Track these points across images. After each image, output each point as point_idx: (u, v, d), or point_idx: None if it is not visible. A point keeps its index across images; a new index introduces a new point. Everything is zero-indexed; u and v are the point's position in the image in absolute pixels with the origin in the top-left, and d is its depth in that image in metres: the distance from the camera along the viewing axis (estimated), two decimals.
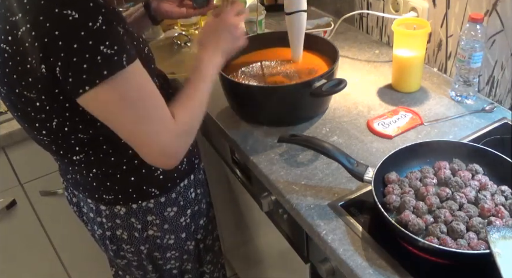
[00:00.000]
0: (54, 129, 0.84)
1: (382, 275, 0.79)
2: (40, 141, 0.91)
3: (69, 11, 0.69)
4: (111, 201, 0.97)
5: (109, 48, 0.72)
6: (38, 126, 0.85)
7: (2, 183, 1.40)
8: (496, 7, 1.09)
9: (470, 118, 1.14)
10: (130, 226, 1.01)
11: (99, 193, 0.97)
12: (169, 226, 1.04)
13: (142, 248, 1.05)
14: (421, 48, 1.19)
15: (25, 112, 0.83)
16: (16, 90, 0.79)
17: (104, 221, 1.01)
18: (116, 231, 1.02)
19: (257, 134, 1.15)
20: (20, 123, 0.90)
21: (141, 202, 0.98)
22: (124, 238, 1.02)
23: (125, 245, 1.04)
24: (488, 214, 0.82)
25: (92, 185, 0.97)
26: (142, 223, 1.01)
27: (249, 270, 1.73)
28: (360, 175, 0.90)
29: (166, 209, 1.02)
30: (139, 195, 0.97)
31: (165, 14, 1.14)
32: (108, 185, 0.95)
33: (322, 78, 1.09)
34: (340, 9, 1.63)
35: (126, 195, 0.97)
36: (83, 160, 0.91)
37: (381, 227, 0.84)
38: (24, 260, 1.56)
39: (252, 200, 1.26)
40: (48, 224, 1.53)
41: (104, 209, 0.99)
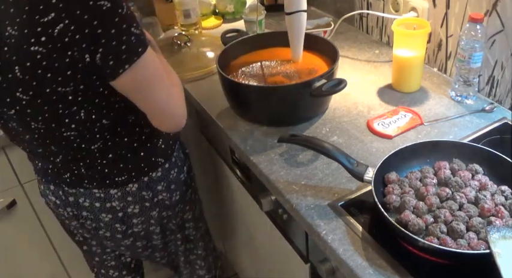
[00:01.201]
0: (82, 119, 0.91)
1: (382, 275, 0.79)
2: (62, 140, 0.94)
3: (102, 1, 0.78)
4: (124, 181, 1.04)
5: (137, 29, 0.83)
6: (67, 121, 0.91)
7: (2, 183, 1.40)
8: (496, 7, 1.09)
9: (470, 118, 1.14)
10: (141, 199, 1.08)
11: (110, 178, 1.03)
12: (174, 186, 1.14)
13: (153, 213, 1.13)
14: (421, 48, 1.19)
15: (54, 110, 0.88)
16: (47, 89, 0.84)
17: (115, 205, 1.07)
18: (128, 209, 1.08)
19: (257, 134, 1.15)
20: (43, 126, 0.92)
21: (151, 174, 1.07)
22: (135, 212, 1.10)
23: (135, 219, 1.11)
24: (488, 214, 0.82)
25: (103, 172, 1.02)
26: (153, 192, 1.09)
27: (249, 270, 1.74)
28: (360, 175, 0.90)
29: (170, 172, 1.12)
30: (150, 167, 1.07)
31: None
32: (121, 167, 1.03)
33: (322, 78, 1.09)
34: (340, 9, 1.63)
35: (139, 170, 1.05)
36: (101, 148, 0.98)
37: (381, 227, 0.85)
38: (24, 260, 1.56)
39: (252, 200, 1.26)
40: (48, 224, 1.53)
41: (115, 192, 1.05)
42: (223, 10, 1.76)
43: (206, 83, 1.37)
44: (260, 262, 1.54)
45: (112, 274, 1.36)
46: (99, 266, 1.34)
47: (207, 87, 1.35)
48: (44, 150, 0.99)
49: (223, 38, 1.35)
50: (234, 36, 1.34)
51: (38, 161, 1.06)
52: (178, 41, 1.54)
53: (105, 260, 1.32)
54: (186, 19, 1.63)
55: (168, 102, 0.93)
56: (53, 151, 0.98)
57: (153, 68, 0.89)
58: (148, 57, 0.87)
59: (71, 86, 0.85)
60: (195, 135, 1.66)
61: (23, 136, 0.97)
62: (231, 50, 1.28)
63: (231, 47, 1.28)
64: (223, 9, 1.76)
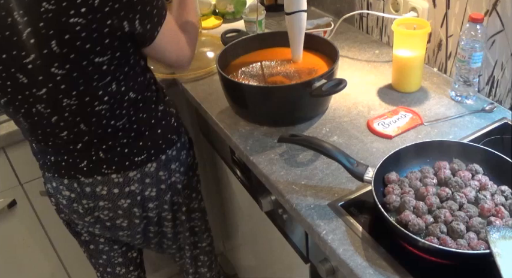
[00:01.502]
0: (114, 91, 0.97)
1: (382, 275, 0.79)
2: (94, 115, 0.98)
3: None
4: (143, 160, 1.08)
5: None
6: (100, 94, 0.96)
7: (2, 183, 1.40)
8: (496, 7, 1.09)
9: (470, 118, 1.14)
10: (158, 181, 1.13)
11: (130, 159, 1.07)
12: (183, 168, 1.19)
13: (166, 197, 1.17)
14: (421, 48, 1.19)
15: (89, 83, 0.94)
16: (84, 61, 0.90)
17: (134, 188, 1.10)
18: (145, 192, 1.12)
19: (257, 134, 1.15)
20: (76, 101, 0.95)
21: (168, 151, 1.13)
22: (152, 196, 1.13)
23: (151, 203, 1.15)
24: (488, 214, 0.82)
25: (123, 153, 1.05)
26: (168, 172, 1.14)
27: (249, 270, 1.74)
28: (360, 175, 0.90)
29: (181, 153, 1.17)
30: (166, 144, 1.13)
31: None
32: (140, 145, 1.07)
33: (322, 78, 1.09)
34: (340, 9, 1.63)
35: (157, 148, 1.10)
36: (125, 125, 1.03)
37: (381, 227, 0.85)
38: (24, 260, 1.56)
39: (252, 200, 1.26)
40: (48, 224, 1.53)
41: (134, 174, 1.09)
42: (223, 10, 1.76)
43: (206, 83, 1.37)
44: (260, 262, 1.54)
45: (119, 272, 1.36)
46: (105, 265, 1.34)
47: (207, 87, 1.35)
48: (69, 132, 1.00)
49: (223, 38, 1.35)
50: (234, 36, 1.34)
51: (50, 155, 1.06)
52: None
53: (112, 257, 1.32)
54: None
55: (183, 51, 1.08)
56: (81, 131, 1.00)
57: (172, 27, 1.02)
58: (169, 17, 0.99)
59: (108, 55, 0.91)
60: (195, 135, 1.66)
61: (48, 120, 0.98)
62: (231, 50, 1.28)
63: (231, 47, 1.28)
64: (223, 9, 1.76)
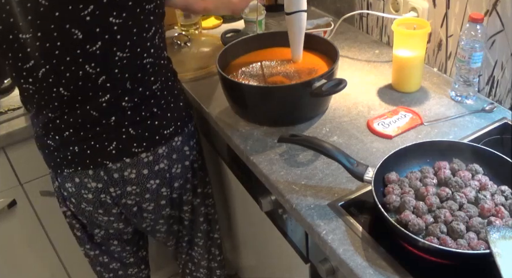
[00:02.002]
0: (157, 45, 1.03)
1: (382, 275, 0.79)
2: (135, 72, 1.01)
3: None
4: (171, 133, 1.11)
5: None
6: (149, 45, 1.01)
7: (2, 183, 1.40)
8: (496, 7, 1.09)
9: (470, 118, 1.14)
10: (183, 156, 1.16)
11: (159, 132, 1.08)
12: (198, 146, 1.23)
13: (188, 175, 1.20)
14: (421, 48, 1.19)
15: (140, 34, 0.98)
16: (138, 9, 0.95)
17: (163, 166, 1.11)
18: (172, 169, 1.14)
19: (257, 134, 1.15)
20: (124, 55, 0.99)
21: (190, 125, 1.17)
22: (178, 173, 1.15)
23: (177, 182, 1.17)
24: (488, 214, 0.82)
25: (153, 125, 1.07)
26: (189, 148, 1.17)
27: (249, 270, 1.74)
28: (360, 175, 0.90)
29: (194, 132, 1.20)
30: (188, 117, 1.17)
31: None
32: (168, 116, 1.09)
33: (322, 78, 1.09)
34: (340, 9, 1.63)
35: (182, 120, 1.13)
36: (159, 89, 1.07)
37: (381, 227, 0.85)
38: (24, 260, 1.56)
39: (252, 200, 1.26)
40: (48, 224, 1.53)
41: (163, 150, 1.10)
42: None
43: (206, 83, 1.37)
44: (260, 262, 1.54)
45: (131, 272, 1.36)
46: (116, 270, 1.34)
47: (207, 87, 1.35)
48: (110, 97, 1.01)
49: (223, 38, 1.35)
50: (234, 36, 1.34)
51: (75, 144, 1.03)
52: (178, 41, 1.54)
53: (124, 257, 1.32)
54: (186, 19, 1.63)
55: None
56: (124, 93, 1.02)
57: None
58: None
59: (153, 2, 0.97)
60: None
61: (94, 82, 0.98)
62: (231, 50, 1.28)
63: (231, 47, 1.28)
64: None
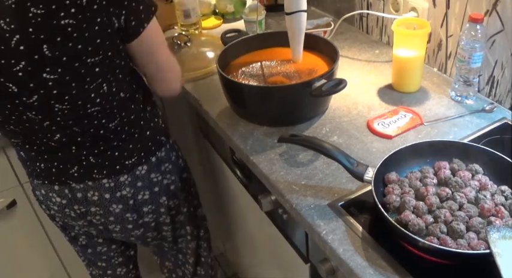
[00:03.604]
0: (105, 92, 0.96)
1: (382, 275, 0.79)
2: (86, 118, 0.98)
3: None
4: (134, 163, 1.08)
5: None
6: (93, 96, 0.95)
7: (2, 183, 1.40)
8: (496, 7, 1.09)
9: (470, 118, 1.14)
10: (150, 184, 1.12)
11: (120, 162, 1.06)
12: (176, 169, 1.19)
13: (162, 200, 1.16)
14: (421, 48, 1.19)
15: (81, 86, 0.92)
16: (77, 63, 0.89)
17: (125, 193, 1.09)
18: (138, 196, 1.11)
19: (257, 134, 1.15)
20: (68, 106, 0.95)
21: (158, 153, 1.12)
22: (145, 199, 1.12)
23: (146, 207, 1.13)
24: (488, 214, 0.82)
25: (113, 156, 1.05)
26: (160, 173, 1.13)
27: (249, 270, 1.74)
28: (360, 175, 0.90)
29: (171, 154, 1.17)
30: (156, 145, 1.12)
31: None
32: (131, 148, 1.07)
33: (322, 78, 1.09)
34: (340, 9, 1.63)
35: (147, 150, 1.10)
36: (117, 126, 1.03)
37: (381, 227, 0.85)
38: (24, 260, 1.56)
39: (252, 200, 1.26)
40: (48, 224, 1.53)
41: (125, 179, 1.08)
42: (223, 10, 1.76)
43: (206, 83, 1.37)
44: (260, 262, 1.54)
45: (120, 272, 1.36)
46: (105, 268, 1.34)
47: (207, 87, 1.35)
48: (61, 136, 0.99)
49: (223, 38, 1.35)
50: (234, 36, 1.34)
51: (40, 162, 1.05)
52: (178, 41, 1.54)
53: (112, 257, 1.32)
54: (186, 19, 1.63)
55: (167, 65, 1.05)
56: (74, 133, 0.99)
57: (159, 28, 1.01)
58: (155, 18, 0.98)
59: (100, 55, 0.91)
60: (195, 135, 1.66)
61: (40, 125, 0.97)
62: (231, 50, 1.28)
63: (231, 47, 1.28)
64: (223, 9, 1.76)
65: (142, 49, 0.99)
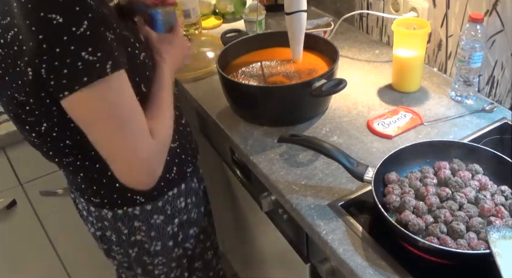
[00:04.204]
0: (43, 133, 0.84)
1: (382, 275, 0.79)
2: (32, 142, 0.91)
3: (53, 15, 0.69)
4: (98, 203, 0.98)
5: (91, 55, 0.71)
6: (28, 128, 0.85)
7: (2, 183, 1.40)
8: (496, 7, 1.09)
9: (470, 118, 1.14)
10: (117, 230, 1.02)
11: (87, 194, 0.98)
12: (155, 233, 1.03)
13: (130, 251, 1.05)
14: (421, 48, 1.19)
15: (16, 114, 0.84)
16: (8, 92, 0.80)
17: (94, 222, 1.03)
18: (106, 232, 1.03)
19: (257, 134, 1.15)
20: (14, 123, 0.90)
21: (127, 208, 0.98)
22: (113, 239, 1.04)
23: (114, 246, 1.06)
24: (488, 214, 0.82)
25: (81, 186, 0.98)
26: (129, 228, 1.01)
27: (249, 270, 1.74)
28: (360, 175, 0.90)
29: (153, 216, 1.01)
30: (124, 201, 0.98)
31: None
32: (94, 189, 0.96)
33: (322, 78, 1.09)
34: (340, 9, 1.63)
35: (112, 200, 0.97)
36: (71, 164, 0.92)
37: (381, 227, 0.85)
38: (24, 260, 1.56)
39: (252, 200, 1.26)
40: (48, 224, 1.53)
41: (93, 210, 1.01)
42: (223, 10, 1.76)
43: (206, 83, 1.37)
44: (260, 262, 1.53)
45: None
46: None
47: (207, 87, 1.35)
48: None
49: (223, 38, 1.35)
50: (234, 36, 1.34)
51: None
52: None
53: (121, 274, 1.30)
54: (186, 19, 1.63)
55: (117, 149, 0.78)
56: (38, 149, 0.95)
57: (100, 102, 0.74)
58: (99, 90, 0.73)
59: (23, 96, 0.78)
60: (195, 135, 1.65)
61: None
62: (231, 50, 1.28)
63: (231, 47, 1.28)
64: (223, 9, 1.76)
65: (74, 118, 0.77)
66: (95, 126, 0.77)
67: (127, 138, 0.77)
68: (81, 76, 0.71)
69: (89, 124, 0.77)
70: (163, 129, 0.86)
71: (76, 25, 0.70)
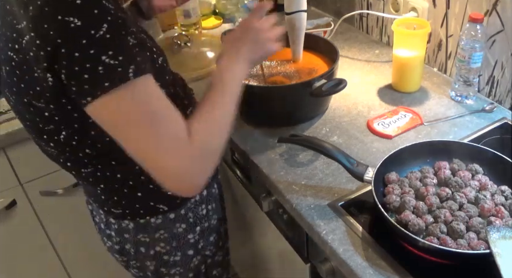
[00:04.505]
0: (62, 141, 0.81)
1: (382, 275, 0.79)
2: (48, 153, 0.88)
3: (71, 17, 0.65)
4: (119, 215, 0.95)
5: (112, 59, 0.67)
6: (45, 137, 0.82)
7: (2, 183, 1.40)
8: (496, 7, 1.09)
9: (470, 118, 1.14)
10: (138, 242, 0.98)
11: (107, 205, 0.95)
12: (176, 243, 1.00)
13: (148, 264, 1.02)
14: (421, 48, 1.19)
15: (33, 122, 0.81)
16: (24, 99, 0.76)
17: (113, 235, 0.99)
18: (125, 245, 1.00)
19: (257, 134, 1.15)
20: (29, 133, 0.87)
21: (149, 218, 0.95)
22: (131, 253, 1.01)
23: (131, 260, 1.03)
24: (488, 214, 0.82)
25: (101, 197, 0.94)
26: (150, 239, 0.98)
27: (249, 270, 1.73)
28: (360, 175, 0.90)
29: (175, 225, 0.98)
30: (147, 210, 0.94)
31: (158, 9, 1.13)
32: (115, 199, 0.93)
33: (322, 78, 1.09)
34: (340, 9, 1.63)
35: (134, 210, 0.94)
36: (90, 174, 0.88)
37: (381, 227, 0.85)
38: (24, 260, 1.56)
39: (252, 200, 1.26)
40: (48, 224, 1.53)
41: (113, 222, 0.97)
42: (223, 10, 1.76)
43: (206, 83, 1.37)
44: (260, 262, 1.53)
45: None
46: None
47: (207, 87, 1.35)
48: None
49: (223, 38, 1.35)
50: None
51: None
52: (178, 41, 1.54)
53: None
54: (186, 19, 1.63)
55: (149, 155, 0.73)
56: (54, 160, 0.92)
57: (125, 107, 0.70)
58: (123, 95, 0.69)
59: (42, 103, 0.75)
60: None
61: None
62: None
63: None
64: (223, 9, 1.76)
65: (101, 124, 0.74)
66: (123, 132, 0.73)
67: (155, 143, 0.73)
68: (102, 82, 0.67)
69: (117, 131, 0.74)
70: (206, 134, 0.79)
71: (95, 28, 0.66)
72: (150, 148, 0.73)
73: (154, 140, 0.72)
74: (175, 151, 0.74)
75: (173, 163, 0.74)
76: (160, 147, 0.73)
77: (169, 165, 0.74)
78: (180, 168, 0.74)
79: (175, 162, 0.74)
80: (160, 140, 0.73)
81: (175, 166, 0.74)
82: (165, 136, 0.73)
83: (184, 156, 0.75)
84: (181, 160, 0.74)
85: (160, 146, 0.73)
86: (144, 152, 0.74)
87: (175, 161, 0.74)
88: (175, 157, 0.74)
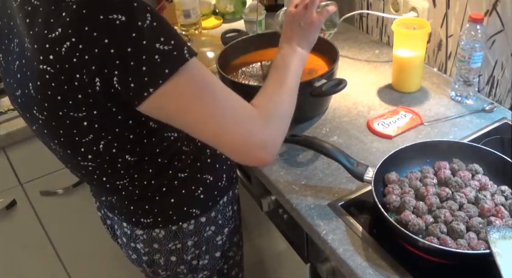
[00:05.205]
0: (101, 151, 0.79)
1: (382, 275, 0.79)
2: (81, 168, 0.86)
3: (114, 15, 0.64)
4: (149, 224, 0.93)
5: (166, 44, 0.66)
6: (83, 150, 0.80)
7: (2, 183, 1.40)
8: (496, 7, 1.09)
9: (470, 118, 1.14)
10: (168, 251, 0.97)
11: (136, 217, 0.93)
12: (206, 246, 1.00)
13: (179, 270, 1.02)
14: (421, 48, 1.19)
15: (69, 136, 0.78)
16: (60, 112, 0.74)
17: (140, 247, 0.98)
18: (154, 256, 0.98)
19: None
20: (57, 153, 0.87)
21: (182, 224, 0.94)
22: (161, 263, 0.99)
23: (161, 270, 1.01)
24: (488, 214, 0.82)
25: (129, 209, 0.92)
26: (182, 245, 0.97)
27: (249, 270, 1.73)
28: (360, 175, 0.90)
29: (205, 228, 0.98)
30: (180, 216, 0.93)
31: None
32: (146, 208, 0.91)
33: (322, 78, 1.09)
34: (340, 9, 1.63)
35: (166, 217, 0.93)
36: (126, 185, 0.87)
37: (381, 227, 0.85)
38: (24, 260, 1.56)
39: (252, 200, 1.26)
40: (48, 224, 1.53)
41: (141, 233, 0.95)
42: (223, 10, 1.76)
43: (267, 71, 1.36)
44: (260, 262, 1.53)
45: None
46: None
47: None
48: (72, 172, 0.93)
49: (223, 38, 1.35)
50: (234, 36, 1.34)
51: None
52: None
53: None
54: (186, 19, 1.63)
55: (223, 129, 0.73)
56: (77, 176, 0.91)
57: (190, 89, 0.70)
58: (185, 77, 0.69)
59: (83, 111, 0.73)
60: None
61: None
62: (231, 50, 1.28)
63: (231, 47, 1.28)
64: (223, 9, 1.76)
65: (163, 116, 0.73)
66: (190, 113, 0.71)
67: (227, 114, 0.73)
68: (163, 68, 0.67)
69: (183, 114, 0.72)
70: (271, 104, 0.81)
71: (141, 19, 0.65)
72: (222, 122, 0.73)
73: (224, 112, 0.72)
74: (248, 118, 0.75)
75: (249, 130, 0.74)
76: (232, 118, 0.73)
77: (246, 132, 0.74)
78: (255, 133, 0.75)
79: (250, 127, 0.74)
80: (230, 111, 0.73)
81: (251, 132, 0.74)
82: (232, 107, 0.74)
83: (256, 121, 0.75)
84: (254, 125, 0.75)
85: (232, 117, 0.73)
86: (217, 127, 0.73)
87: (250, 127, 0.74)
88: (249, 123, 0.74)
